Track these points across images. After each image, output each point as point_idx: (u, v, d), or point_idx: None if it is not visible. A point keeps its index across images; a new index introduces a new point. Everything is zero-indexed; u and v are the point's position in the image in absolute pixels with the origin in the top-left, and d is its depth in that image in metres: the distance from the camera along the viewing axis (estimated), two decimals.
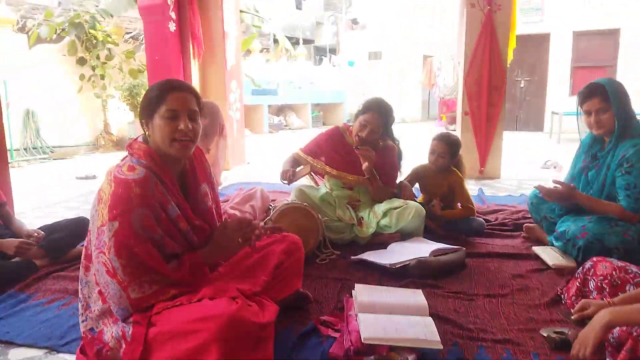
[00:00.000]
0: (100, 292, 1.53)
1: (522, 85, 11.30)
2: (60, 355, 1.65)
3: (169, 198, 1.54)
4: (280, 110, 12.69)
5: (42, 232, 2.43)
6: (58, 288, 2.17)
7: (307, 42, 17.87)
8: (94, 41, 7.86)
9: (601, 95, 2.26)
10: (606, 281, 1.74)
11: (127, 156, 1.59)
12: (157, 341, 1.42)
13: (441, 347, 1.51)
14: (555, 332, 1.65)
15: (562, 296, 1.97)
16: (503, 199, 3.96)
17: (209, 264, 1.65)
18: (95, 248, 1.47)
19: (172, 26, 4.89)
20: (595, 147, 2.42)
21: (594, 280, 1.79)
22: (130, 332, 1.46)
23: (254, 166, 6.10)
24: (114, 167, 1.55)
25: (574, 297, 1.86)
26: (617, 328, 1.39)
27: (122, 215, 1.42)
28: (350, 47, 16.23)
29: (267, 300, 1.63)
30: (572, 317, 1.73)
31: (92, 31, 7.74)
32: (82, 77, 7.89)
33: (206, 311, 1.39)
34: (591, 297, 1.79)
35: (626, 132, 2.26)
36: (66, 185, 5.03)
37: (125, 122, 8.65)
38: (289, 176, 2.72)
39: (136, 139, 1.62)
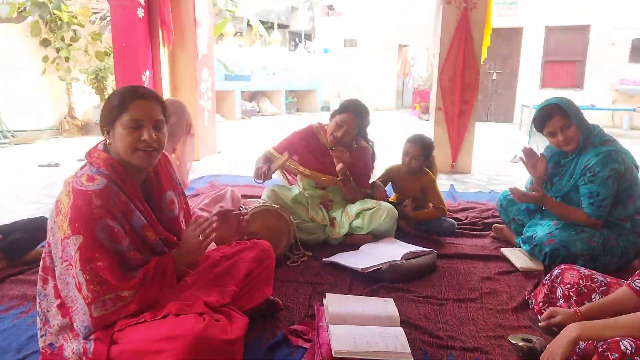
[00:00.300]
0: (59, 306, 1.46)
1: (494, 77, 11.45)
2: None
3: (132, 208, 1.47)
4: (253, 96, 12.50)
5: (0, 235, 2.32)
6: (16, 294, 2.07)
7: (281, 27, 17.60)
8: (59, 22, 7.52)
9: (560, 114, 2.29)
10: (573, 289, 1.77)
11: (85, 165, 1.51)
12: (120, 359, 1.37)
13: (412, 358, 1.51)
14: (523, 340, 1.67)
15: (530, 302, 2.00)
16: (473, 196, 4.01)
17: (178, 269, 1.58)
18: (63, 260, 1.40)
19: (141, 12, 4.69)
20: (559, 155, 2.45)
21: (562, 288, 1.82)
22: (91, 349, 1.40)
23: (226, 155, 5.99)
24: (72, 177, 1.47)
25: (541, 304, 1.89)
26: (585, 343, 1.41)
27: (85, 228, 1.36)
28: (326, 34, 16.05)
29: (235, 312, 1.60)
30: (540, 325, 1.76)
31: (56, 12, 7.40)
32: (45, 59, 7.56)
33: (171, 330, 1.34)
34: (558, 304, 1.82)
35: (588, 141, 2.30)
36: (27, 174, 4.83)
37: (90, 106, 8.36)
38: (264, 172, 2.63)
39: (96, 146, 1.54)
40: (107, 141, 1.50)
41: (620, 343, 1.28)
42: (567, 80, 10.92)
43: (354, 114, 2.66)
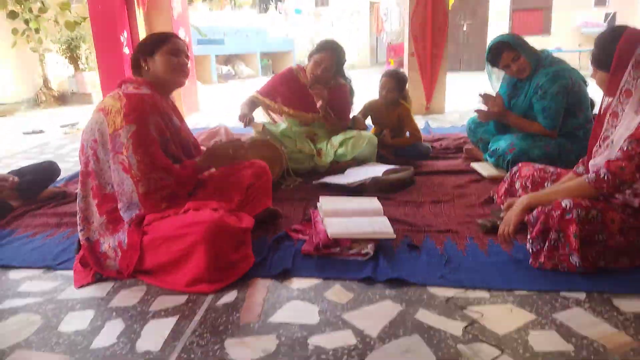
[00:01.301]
0: (97, 205, 1.72)
1: (464, 28, 11.66)
2: (58, 272, 1.82)
3: (171, 114, 1.82)
4: (228, 60, 12.47)
5: (16, 177, 2.50)
6: (39, 223, 2.29)
7: None
8: None
9: (507, 49, 2.58)
10: (529, 180, 2.08)
11: (124, 85, 1.81)
12: (151, 246, 1.63)
13: (394, 236, 1.81)
14: (488, 221, 1.99)
15: (494, 197, 2.32)
16: (447, 130, 4.31)
17: (204, 170, 1.94)
18: (112, 150, 1.67)
19: None
20: (514, 79, 2.73)
21: (520, 181, 2.13)
22: (126, 241, 1.65)
23: (208, 113, 6.15)
24: (115, 91, 1.77)
25: (503, 196, 2.20)
26: (535, 210, 1.71)
27: (139, 119, 1.67)
28: None
29: (243, 213, 1.87)
30: (501, 215, 2.06)
31: None
32: (15, 31, 7.43)
33: (193, 218, 1.61)
34: (517, 195, 2.13)
35: (538, 64, 2.59)
36: (15, 141, 4.93)
37: (65, 76, 8.32)
38: (245, 122, 2.87)
39: (126, 77, 1.86)
40: (145, 67, 1.83)
41: (562, 202, 1.59)
42: (535, 27, 11.22)
43: (330, 52, 2.88)
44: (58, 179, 2.89)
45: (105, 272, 1.71)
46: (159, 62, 1.82)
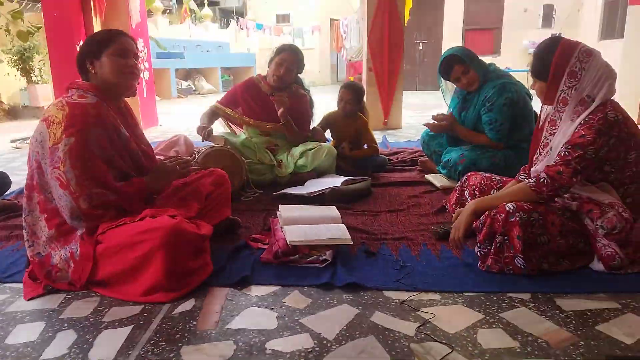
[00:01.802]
0: (45, 219, 1.66)
1: (420, 47, 12.07)
2: (6, 285, 1.75)
3: (119, 123, 1.73)
4: (188, 74, 12.37)
5: None
6: None
7: (212, 3, 17.29)
8: None
9: (458, 62, 2.71)
10: (477, 188, 2.18)
11: (70, 90, 1.73)
12: (105, 256, 1.60)
13: (352, 242, 1.86)
14: (440, 228, 2.07)
15: (446, 206, 2.41)
16: (404, 144, 4.44)
17: (151, 189, 1.85)
18: (49, 165, 1.60)
19: None
20: (464, 92, 2.87)
21: (469, 190, 2.23)
22: (78, 252, 1.62)
23: (167, 127, 6.07)
24: (61, 98, 1.69)
25: (454, 205, 2.30)
26: (483, 216, 1.80)
27: (79, 132, 1.59)
28: (258, 10, 16.04)
29: (201, 222, 1.86)
30: (452, 221, 2.15)
31: None
32: None
33: (150, 225, 1.59)
34: (466, 203, 2.23)
35: (486, 77, 2.73)
36: None
37: (17, 89, 8.01)
38: (204, 135, 2.88)
39: (74, 81, 1.78)
40: (92, 70, 1.74)
41: (506, 205, 1.68)
42: (486, 47, 11.76)
43: (291, 52, 2.95)
44: (8, 191, 2.78)
45: (56, 284, 1.66)
46: (106, 64, 1.72)
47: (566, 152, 1.64)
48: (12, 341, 1.39)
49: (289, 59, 2.93)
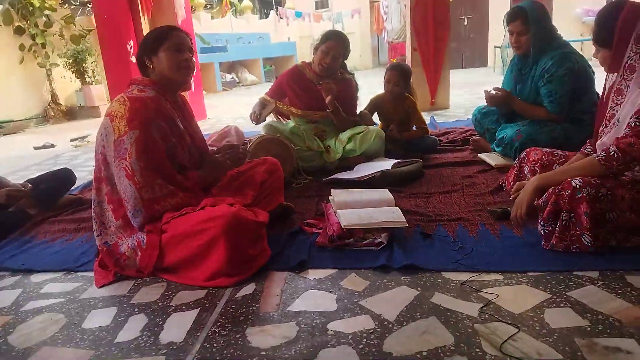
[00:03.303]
0: (112, 210, 1.74)
1: (465, 23, 11.66)
2: (79, 273, 1.87)
3: (176, 115, 1.81)
4: (231, 67, 12.56)
5: (29, 184, 2.55)
6: (57, 229, 2.34)
7: None
8: (30, 8, 7.48)
9: (522, 19, 2.57)
10: (537, 164, 2.09)
11: (131, 86, 1.82)
12: (170, 244, 1.67)
13: (407, 224, 1.84)
14: (498, 208, 2.01)
15: (503, 184, 2.33)
16: (453, 124, 4.33)
17: (205, 184, 1.91)
18: (116, 157, 1.68)
19: None
20: (520, 64, 2.75)
21: (528, 166, 2.14)
22: (145, 241, 1.69)
23: (216, 120, 6.20)
24: (122, 93, 1.78)
25: (512, 183, 2.22)
26: (546, 193, 1.72)
27: (142, 124, 1.68)
28: None
29: (257, 209, 1.90)
30: (511, 197, 2.08)
31: None
32: (22, 47, 7.55)
33: (211, 213, 1.64)
34: (526, 180, 2.15)
35: (545, 49, 2.59)
36: (27, 156, 5.00)
37: (72, 90, 8.42)
38: (256, 116, 2.93)
39: (133, 78, 1.87)
40: (150, 66, 1.82)
41: (572, 181, 1.60)
42: None
43: (337, 40, 2.92)
44: (74, 187, 2.94)
45: (125, 271, 1.75)
46: (163, 59, 1.80)
47: (637, 122, 1.53)
48: (89, 325, 1.48)
49: (336, 47, 2.89)
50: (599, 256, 1.59)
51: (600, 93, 1.80)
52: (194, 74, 1.95)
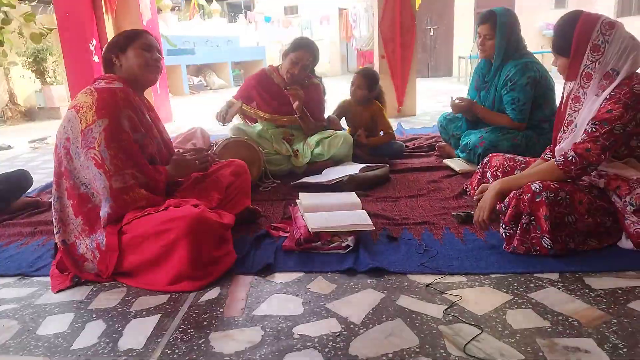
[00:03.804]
0: (72, 205, 1.68)
1: (431, 33, 11.91)
2: (34, 278, 1.78)
3: (143, 110, 1.79)
4: (199, 70, 12.40)
5: None
6: (12, 232, 2.24)
7: None
8: None
9: (491, 23, 2.64)
10: (499, 170, 2.14)
11: (97, 81, 1.79)
12: (130, 246, 1.62)
13: (373, 227, 1.85)
14: (462, 212, 2.04)
15: (467, 189, 2.38)
16: (419, 130, 4.40)
17: (170, 179, 1.88)
18: (83, 147, 1.64)
19: None
20: (484, 70, 2.83)
21: (490, 171, 2.19)
22: (104, 242, 1.63)
23: (182, 123, 6.09)
24: (88, 87, 1.75)
25: (476, 187, 2.26)
26: (507, 197, 1.76)
27: (111, 112, 1.65)
28: (266, 3, 15.99)
29: (223, 211, 1.87)
30: (474, 199, 2.11)
31: None
32: None
33: (174, 214, 1.60)
34: (489, 184, 2.20)
35: (508, 57, 2.67)
36: None
37: (32, 90, 8.11)
38: (222, 116, 2.88)
39: (99, 75, 1.84)
40: (118, 64, 1.81)
41: (532, 185, 1.65)
42: None
43: (307, 50, 2.90)
44: (30, 189, 2.82)
45: (83, 275, 1.68)
46: (132, 57, 1.81)
47: (593, 129, 1.60)
48: (43, 332, 1.41)
49: (305, 58, 2.88)
50: (558, 258, 1.63)
51: (559, 101, 1.86)
52: (161, 75, 1.91)
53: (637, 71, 1.65)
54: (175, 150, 2.72)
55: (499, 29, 2.63)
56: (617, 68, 1.61)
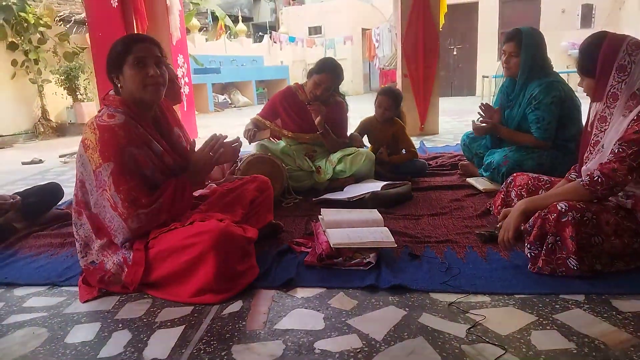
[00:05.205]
0: (95, 232, 1.72)
1: (455, 52, 11.93)
2: (63, 288, 1.83)
3: (150, 138, 1.74)
4: (224, 88, 12.66)
5: (18, 197, 2.53)
6: (42, 243, 2.31)
7: (245, 19, 17.70)
8: (25, 24, 7.52)
9: (517, 41, 2.65)
10: (524, 189, 2.13)
11: (103, 108, 1.77)
12: (157, 259, 1.65)
13: (395, 245, 1.85)
14: (486, 231, 2.03)
15: (490, 208, 2.36)
16: (442, 149, 4.39)
17: (193, 184, 1.87)
18: (98, 187, 1.66)
19: (114, 1, 4.87)
20: (508, 89, 2.82)
21: (515, 190, 2.18)
22: (131, 257, 1.67)
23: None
24: (94, 117, 1.72)
25: (500, 207, 2.24)
26: (533, 217, 1.75)
27: (115, 155, 1.62)
28: (290, 23, 16.31)
29: (247, 225, 1.89)
30: (498, 225, 2.09)
31: (22, 14, 7.40)
32: (14, 62, 7.54)
33: (200, 228, 1.63)
34: (513, 204, 2.18)
35: (533, 76, 2.66)
36: (15, 171, 4.95)
37: (63, 107, 8.40)
38: (250, 136, 2.95)
39: (107, 93, 1.80)
40: (119, 85, 1.73)
41: (557, 205, 1.63)
42: None
43: (330, 73, 2.96)
44: (61, 202, 2.91)
45: (110, 288, 1.72)
46: (128, 77, 1.68)
47: (620, 149, 1.58)
48: (71, 340, 1.45)
49: (327, 80, 2.93)
50: (584, 280, 1.61)
51: (585, 121, 1.85)
52: (165, 87, 1.77)
53: None
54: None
55: (525, 47, 2.64)
56: None
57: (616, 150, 1.59)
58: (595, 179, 1.61)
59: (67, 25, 9.04)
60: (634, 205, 1.66)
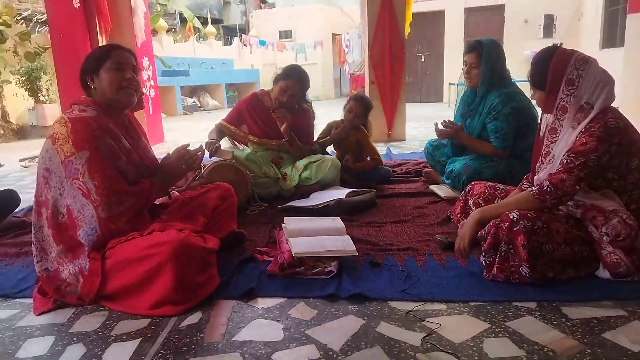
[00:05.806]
0: (52, 235, 1.68)
1: (422, 59, 12.15)
2: (16, 300, 1.78)
3: (120, 135, 1.76)
4: (193, 91, 12.50)
5: None
6: None
7: (215, 22, 17.57)
8: None
9: (477, 52, 2.73)
10: (481, 198, 2.19)
11: (72, 106, 1.77)
12: (114, 270, 1.63)
13: (357, 253, 1.87)
14: (445, 237, 2.08)
15: (450, 216, 2.42)
16: (407, 155, 4.46)
17: (160, 190, 1.88)
18: (67, 178, 1.64)
19: (76, 2, 4.75)
20: (469, 99, 2.90)
21: (473, 199, 2.24)
22: (87, 267, 1.64)
23: (174, 143, 6.12)
24: (62, 114, 1.73)
25: (459, 214, 2.30)
26: (487, 225, 1.80)
27: (90, 143, 1.64)
28: (261, 27, 16.26)
29: (208, 235, 1.88)
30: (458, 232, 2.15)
31: None
32: None
33: (158, 239, 1.62)
34: (471, 212, 2.23)
35: (493, 86, 2.75)
36: None
37: (24, 108, 8.12)
38: (212, 150, 2.90)
39: (78, 97, 1.81)
40: (92, 87, 1.77)
41: (509, 214, 1.69)
42: None
43: (297, 80, 2.97)
44: (17, 209, 2.81)
45: (65, 299, 1.68)
46: (104, 79, 1.74)
47: (568, 160, 1.65)
48: (23, 355, 1.40)
49: (293, 87, 2.94)
50: (537, 287, 1.66)
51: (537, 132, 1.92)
52: (139, 93, 1.87)
53: (611, 105, 1.71)
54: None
55: (485, 58, 2.72)
56: (591, 102, 1.68)
57: (565, 161, 1.66)
58: (544, 188, 1.67)
59: (30, 24, 8.75)
60: (583, 215, 1.73)
